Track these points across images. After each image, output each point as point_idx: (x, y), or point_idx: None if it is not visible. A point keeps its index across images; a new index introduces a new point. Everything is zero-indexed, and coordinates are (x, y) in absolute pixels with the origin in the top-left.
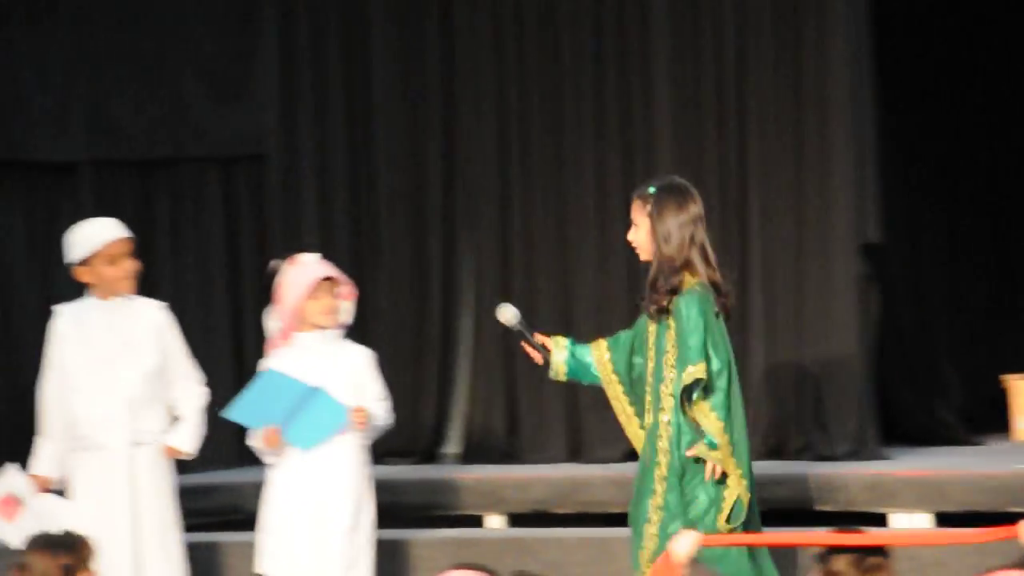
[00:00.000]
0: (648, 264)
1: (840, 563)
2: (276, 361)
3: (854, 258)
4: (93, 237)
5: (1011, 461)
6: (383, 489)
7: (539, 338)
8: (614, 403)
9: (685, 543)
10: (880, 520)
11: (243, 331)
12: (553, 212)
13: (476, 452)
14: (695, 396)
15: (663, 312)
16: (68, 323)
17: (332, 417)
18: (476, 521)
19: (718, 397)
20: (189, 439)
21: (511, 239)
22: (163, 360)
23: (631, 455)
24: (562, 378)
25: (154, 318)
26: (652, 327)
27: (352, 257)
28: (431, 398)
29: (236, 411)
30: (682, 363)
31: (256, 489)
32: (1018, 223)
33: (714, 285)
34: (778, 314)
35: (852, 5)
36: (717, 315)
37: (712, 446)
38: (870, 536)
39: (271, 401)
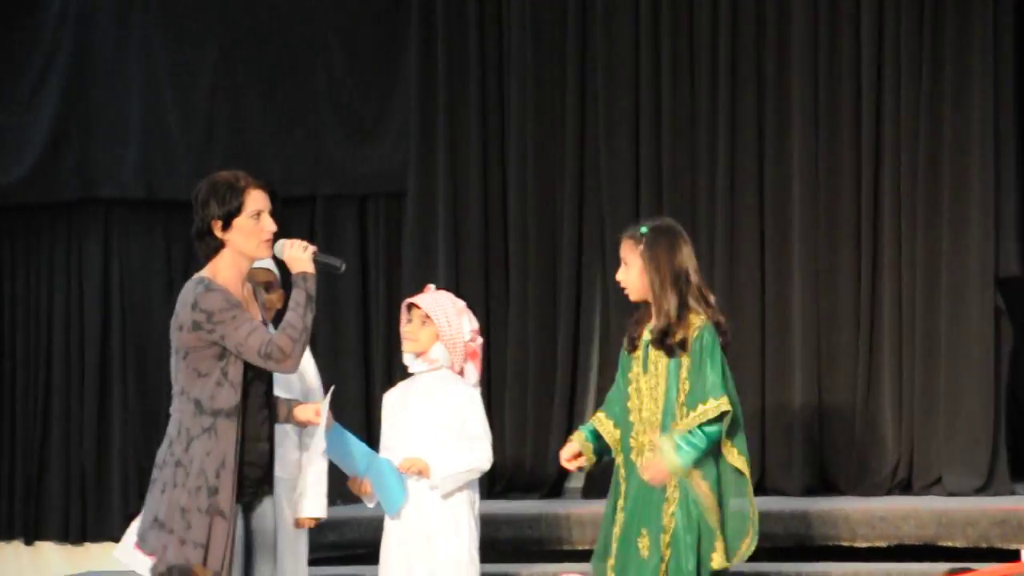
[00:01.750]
0: (636, 304)
1: None
2: (388, 395)
3: (990, 291)
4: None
5: None
6: (507, 523)
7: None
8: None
9: None
10: (1013, 556)
11: (372, 365)
12: None
13: (600, 486)
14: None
15: (674, 350)
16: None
17: (395, 481)
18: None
19: (741, 439)
20: (319, 507)
21: None
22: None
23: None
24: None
25: None
26: (638, 367)
27: (483, 293)
28: (557, 432)
29: (330, 452)
30: (698, 397)
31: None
32: None
33: (716, 325)
34: (911, 348)
35: (996, 31)
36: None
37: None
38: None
39: (347, 454)
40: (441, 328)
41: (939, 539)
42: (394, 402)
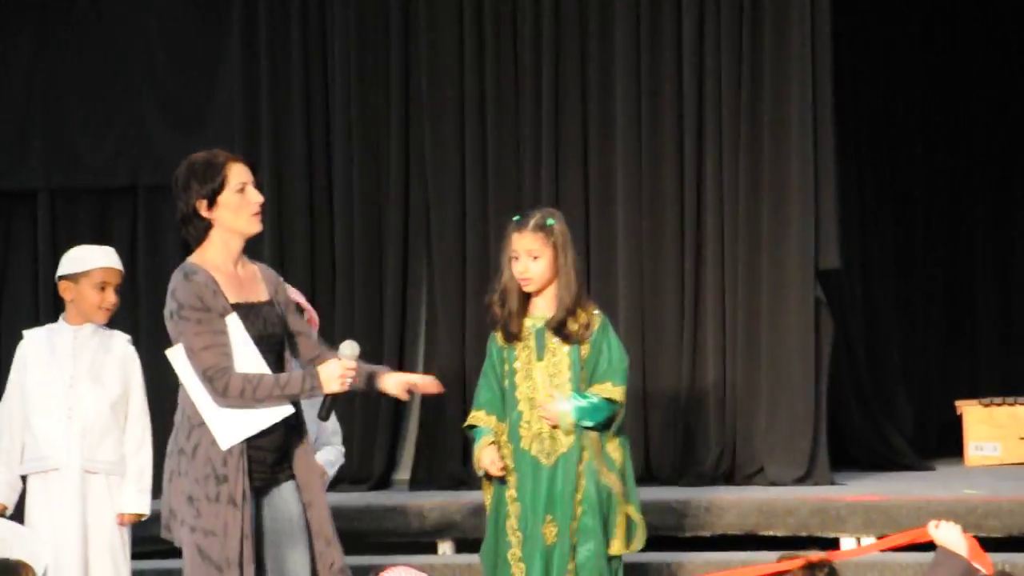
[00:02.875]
0: (523, 295)
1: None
2: None
3: (809, 283)
4: (89, 257)
5: (960, 486)
6: (338, 516)
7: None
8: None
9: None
10: (833, 544)
11: None
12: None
13: (428, 479)
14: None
15: (578, 338)
16: (36, 346)
17: None
18: (430, 548)
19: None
20: (137, 501)
21: (468, 264)
22: (124, 392)
23: None
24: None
25: (122, 350)
26: (528, 355)
27: (309, 283)
28: (384, 424)
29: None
30: (601, 380)
31: None
32: (971, 250)
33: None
34: (733, 340)
35: (812, 32)
36: None
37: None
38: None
39: None
40: None
41: (760, 528)
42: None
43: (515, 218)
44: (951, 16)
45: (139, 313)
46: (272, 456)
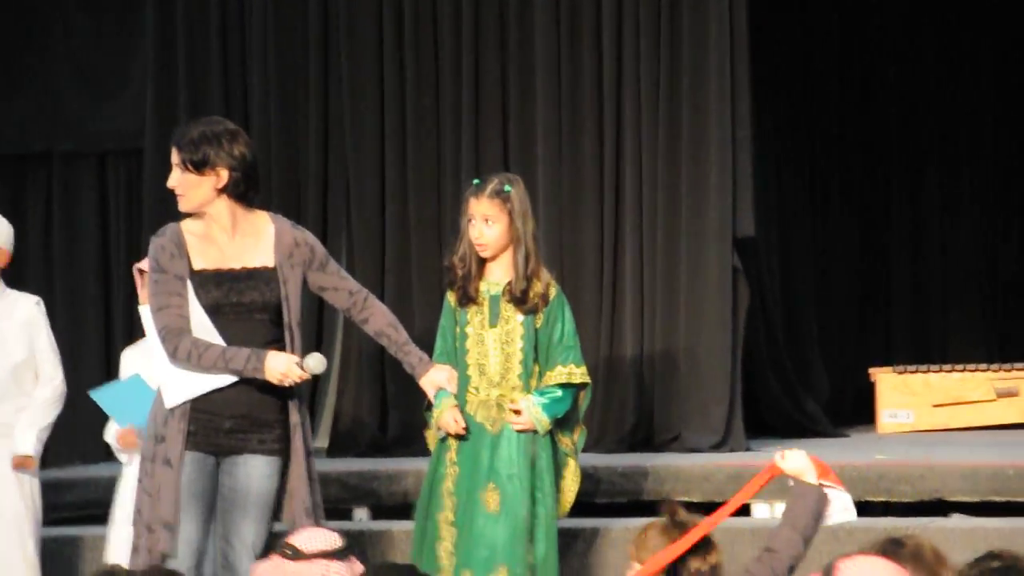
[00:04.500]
0: (480, 260)
1: (652, 532)
2: (126, 352)
3: (726, 251)
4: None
5: (872, 452)
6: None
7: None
8: None
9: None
10: (745, 510)
11: (113, 326)
12: (429, 204)
13: (344, 445)
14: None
15: (534, 306)
16: None
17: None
18: (346, 514)
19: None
20: (26, 442)
21: (387, 237)
22: (29, 356)
23: None
24: None
25: (26, 312)
26: (480, 321)
27: None
28: (305, 385)
29: (104, 399)
30: (556, 360)
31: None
32: (885, 219)
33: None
34: (650, 306)
35: (729, 5)
36: None
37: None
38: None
39: (134, 403)
40: None
41: (676, 494)
42: (135, 360)
43: (474, 182)
44: None
45: (54, 275)
46: (229, 423)
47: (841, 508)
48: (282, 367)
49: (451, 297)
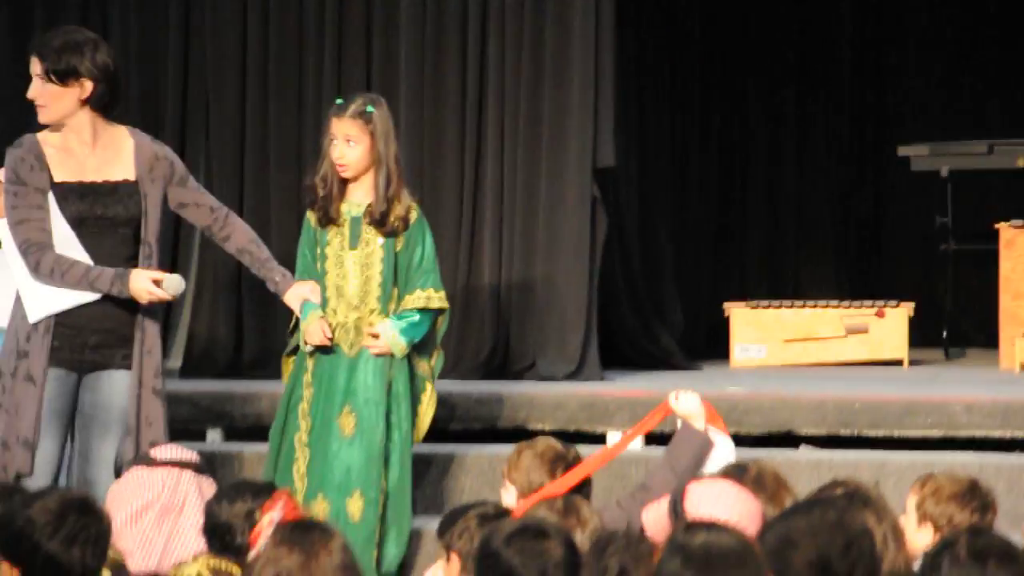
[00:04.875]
0: (341, 181)
1: (528, 455)
2: None
3: (586, 181)
4: None
5: (724, 384)
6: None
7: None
8: None
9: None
10: (600, 439)
11: None
12: (289, 123)
13: (199, 366)
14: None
15: (395, 230)
16: None
17: None
18: (199, 435)
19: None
20: None
21: (246, 154)
22: None
23: None
24: None
25: None
26: (340, 242)
27: None
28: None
29: None
30: (415, 284)
31: None
32: (744, 155)
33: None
34: (509, 234)
35: None
36: None
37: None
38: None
39: None
40: None
41: (530, 422)
42: None
43: (337, 101)
44: None
45: None
46: (94, 338)
47: (723, 455)
48: (144, 288)
49: (311, 217)
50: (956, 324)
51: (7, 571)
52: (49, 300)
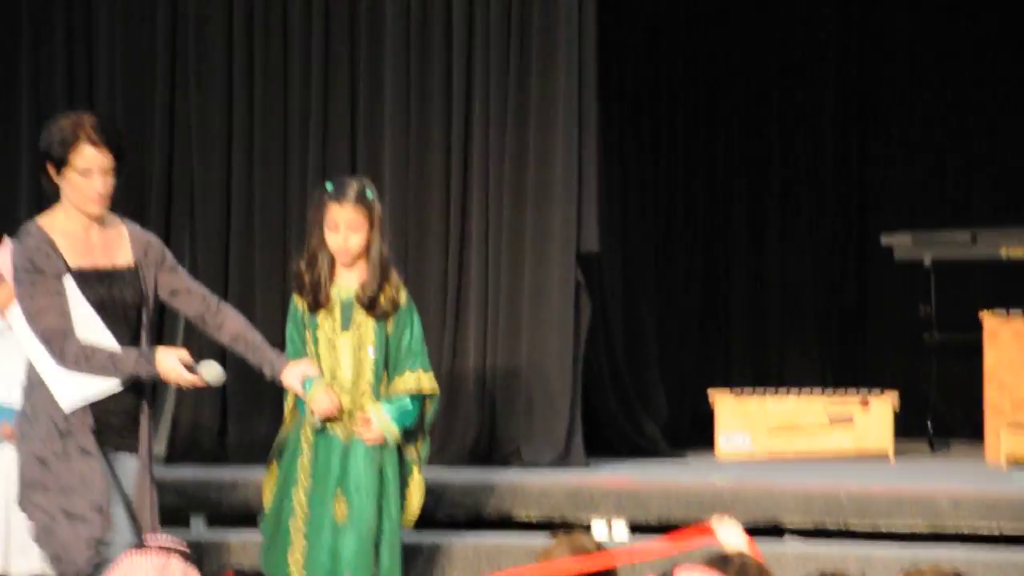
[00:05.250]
0: (332, 264)
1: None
2: None
3: (570, 266)
4: None
5: (707, 474)
6: None
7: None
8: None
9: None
10: (586, 528)
11: None
12: (274, 206)
13: (183, 452)
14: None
15: (388, 313)
16: None
17: None
18: (183, 521)
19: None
20: None
21: (231, 238)
22: None
23: None
24: None
25: None
26: (332, 325)
27: None
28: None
29: None
30: (404, 366)
31: None
32: (726, 238)
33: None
34: (493, 320)
35: (580, 12)
36: None
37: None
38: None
39: None
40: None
41: (516, 510)
42: None
43: (328, 187)
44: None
45: None
46: (118, 420)
47: None
48: (174, 369)
49: (299, 302)
50: (940, 415)
51: None
52: (78, 387)
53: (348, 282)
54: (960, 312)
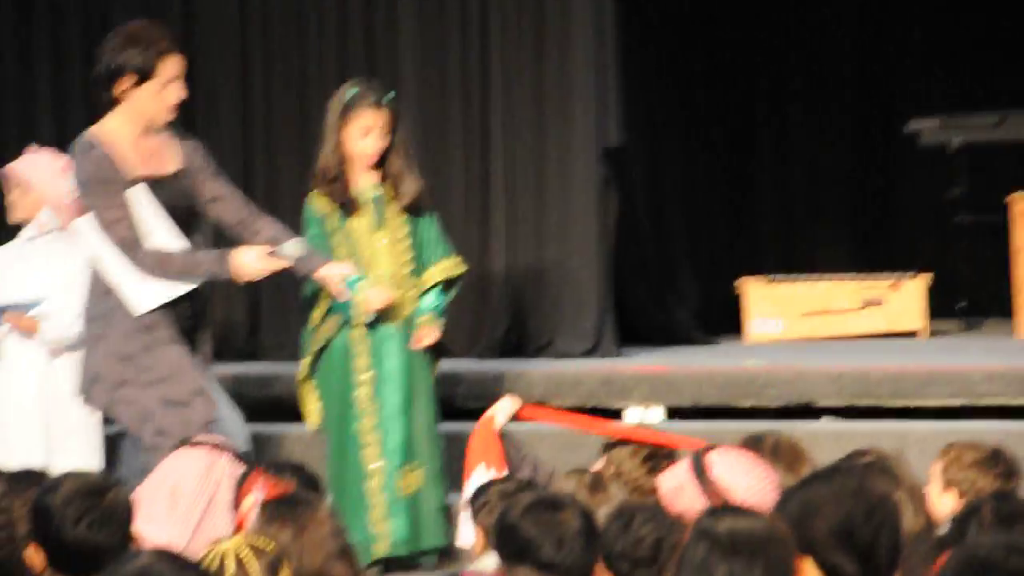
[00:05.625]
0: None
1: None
2: None
3: (594, 160)
4: None
5: (739, 358)
6: None
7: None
8: None
9: (505, 409)
10: (616, 414)
11: None
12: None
13: (216, 350)
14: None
15: (420, 210)
16: None
17: None
18: None
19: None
20: None
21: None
22: None
23: None
24: None
25: None
26: (364, 225)
27: None
28: None
29: None
30: (437, 257)
31: None
32: (753, 128)
33: None
34: (519, 215)
35: None
36: None
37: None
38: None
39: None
40: (44, 191)
41: (549, 398)
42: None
43: (352, 90)
44: None
45: None
46: (187, 323)
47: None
48: (253, 264)
49: (321, 204)
50: (971, 295)
51: (33, 554)
52: (152, 291)
53: (368, 183)
54: (988, 196)
